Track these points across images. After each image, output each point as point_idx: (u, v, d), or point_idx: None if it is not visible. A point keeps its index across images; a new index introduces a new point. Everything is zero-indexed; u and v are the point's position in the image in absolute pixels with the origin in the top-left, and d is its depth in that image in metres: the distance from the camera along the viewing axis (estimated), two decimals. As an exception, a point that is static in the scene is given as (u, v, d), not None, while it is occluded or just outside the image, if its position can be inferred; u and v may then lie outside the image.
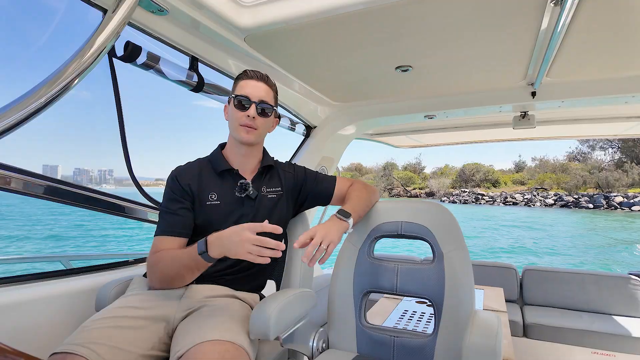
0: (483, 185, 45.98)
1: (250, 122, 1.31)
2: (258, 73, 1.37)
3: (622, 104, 2.24)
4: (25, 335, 1.25)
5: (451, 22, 1.40)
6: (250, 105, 1.32)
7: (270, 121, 1.41)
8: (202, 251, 1.10)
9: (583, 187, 38.35)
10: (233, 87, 1.39)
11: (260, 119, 1.33)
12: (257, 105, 1.32)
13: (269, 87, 1.37)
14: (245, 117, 1.31)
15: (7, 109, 1.01)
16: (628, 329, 2.63)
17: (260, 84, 1.35)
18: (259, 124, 1.33)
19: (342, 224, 1.27)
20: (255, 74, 1.36)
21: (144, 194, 1.79)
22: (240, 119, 1.32)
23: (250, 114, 1.31)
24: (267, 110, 1.35)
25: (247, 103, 1.32)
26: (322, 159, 2.83)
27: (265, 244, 1.04)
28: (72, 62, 1.11)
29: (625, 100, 2.09)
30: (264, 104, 1.34)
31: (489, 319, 1.15)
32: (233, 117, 1.34)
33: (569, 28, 1.42)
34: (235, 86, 1.37)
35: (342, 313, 1.47)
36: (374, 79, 2.06)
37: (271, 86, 1.39)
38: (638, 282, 2.94)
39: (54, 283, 1.39)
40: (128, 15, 1.19)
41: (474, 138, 3.95)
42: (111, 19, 1.17)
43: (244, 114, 1.31)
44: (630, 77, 1.94)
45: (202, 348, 1.01)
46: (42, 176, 1.33)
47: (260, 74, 1.37)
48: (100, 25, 1.16)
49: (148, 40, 1.47)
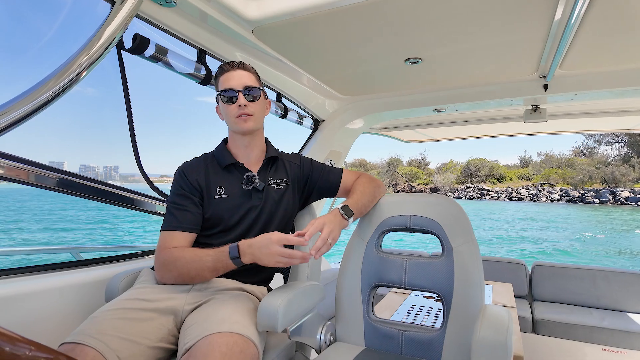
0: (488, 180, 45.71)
1: (243, 110, 1.32)
2: (233, 63, 1.36)
3: (638, 97, 2.18)
4: (35, 325, 1.26)
5: (461, 12, 1.37)
6: (237, 95, 1.32)
7: (262, 103, 1.40)
8: (234, 257, 1.17)
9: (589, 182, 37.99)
10: (215, 87, 1.39)
11: (251, 104, 1.33)
12: (243, 93, 1.32)
13: (247, 72, 1.36)
14: (237, 108, 1.32)
15: (16, 101, 1.01)
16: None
17: (238, 72, 1.34)
18: (252, 109, 1.33)
19: (343, 222, 1.29)
20: (230, 65, 1.35)
21: (153, 187, 1.80)
22: (233, 112, 1.32)
23: (240, 104, 1.31)
24: (255, 94, 1.35)
25: (233, 95, 1.32)
26: (329, 152, 2.82)
27: (293, 257, 1.14)
28: (80, 55, 1.10)
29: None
30: (250, 89, 1.33)
31: (499, 313, 1.14)
32: (226, 113, 1.35)
33: (584, 18, 1.38)
34: (217, 84, 1.37)
35: (349, 306, 1.46)
36: (383, 72, 2.04)
37: (249, 70, 1.38)
38: None
39: (64, 274, 1.40)
40: (136, 7, 1.19)
41: (484, 132, 3.89)
42: (119, 10, 1.16)
43: (235, 105, 1.32)
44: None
45: (211, 340, 1.01)
46: (54, 169, 1.35)
47: (235, 63, 1.36)
48: (108, 17, 1.16)
49: (156, 33, 1.46)
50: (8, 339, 0.32)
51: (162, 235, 1.28)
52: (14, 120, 0.99)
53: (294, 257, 1.15)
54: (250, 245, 1.17)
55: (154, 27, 1.44)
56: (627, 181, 35.75)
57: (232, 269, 1.21)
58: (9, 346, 0.31)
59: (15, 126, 0.99)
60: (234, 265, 1.19)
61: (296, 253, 1.15)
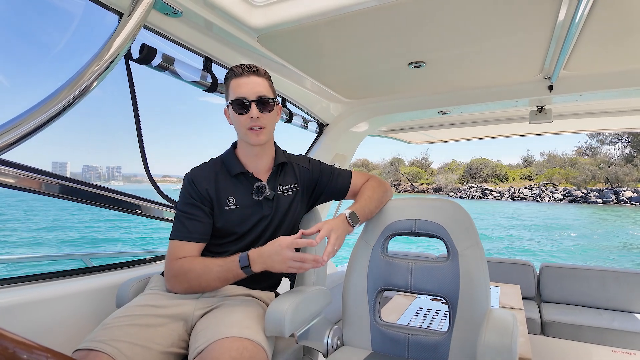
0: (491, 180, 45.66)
1: (255, 122, 1.27)
2: (246, 67, 1.29)
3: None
4: (48, 332, 1.29)
5: (464, 15, 1.38)
6: (250, 105, 1.26)
7: (274, 113, 1.35)
8: (245, 266, 1.18)
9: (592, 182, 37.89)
10: (226, 89, 1.33)
11: (264, 116, 1.28)
12: (257, 104, 1.26)
13: (261, 78, 1.30)
14: (249, 119, 1.26)
15: (29, 112, 1.03)
16: None
17: (251, 78, 1.27)
18: (264, 121, 1.28)
19: (348, 228, 1.31)
20: (243, 69, 1.28)
21: (161, 193, 1.82)
22: (244, 122, 1.27)
23: (253, 116, 1.26)
24: (268, 105, 1.29)
25: (246, 104, 1.26)
26: (335, 156, 2.83)
27: (305, 260, 1.15)
28: (90, 66, 1.13)
29: None
30: (263, 99, 1.28)
31: (505, 317, 1.14)
32: (237, 122, 1.30)
33: (587, 18, 1.38)
34: (228, 88, 1.31)
35: (356, 310, 1.47)
36: (387, 76, 2.05)
37: (263, 75, 1.31)
38: None
39: (76, 281, 1.43)
40: (143, 19, 1.21)
41: (489, 133, 3.88)
42: (127, 22, 1.19)
43: (247, 116, 1.26)
44: None
45: (221, 344, 1.03)
46: (59, 176, 1.36)
47: (248, 67, 1.29)
48: (116, 29, 1.18)
49: (163, 42, 1.48)
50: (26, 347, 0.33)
51: (171, 244, 1.28)
52: (27, 132, 1.01)
53: (306, 261, 1.16)
54: (261, 254, 1.18)
55: (160, 37, 1.46)
56: (631, 181, 35.63)
57: (242, 277, 1.21)
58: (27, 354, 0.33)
59: (28, 137, 1.02)
60: (244, 274, 1.20)
61: (308, 257, 1.16)
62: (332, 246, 1.19)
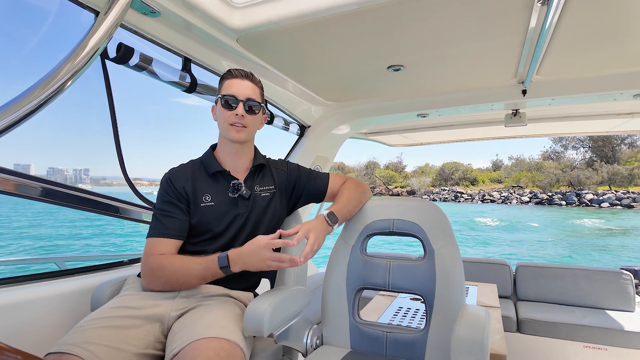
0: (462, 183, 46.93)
1: (239, 120, 1.33)
2: (242, 71, 1.37)
3: (611, 101, 2.27)
4: (21, 335, 1.25)
5: (441, 21, 1.42)
6: (237, 104, 1.33)
7: (259, 118, 1.42)
8: (224, 266, 1.20)
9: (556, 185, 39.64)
10: (219, 87, 1.40)
11: (248, 116, 1.35)
12: (244, 104, 1.34)
13: (254, 85, 1.38)
14: (234, 116, 1.33)
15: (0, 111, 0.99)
16: (619, 322, 2.67)
17: (245, 82, 1.36)
18: (247, 121, 1.35)
19: (328, 228, 1.33)
20: (240, 72, 1.37)
21: (139, 195, 1.78)
22: (228, 118, 1.33)
23: (238, 113, 1.32)
24: (254, 108, 1.36)
25: (234, 102, 1.33)
26: (316, 158, 2.84)
27: (282, 260, 1.19)
28: (64, 64, 1.10)
29: (614, 97, 2.13)
30: (251, 102, 1.35)
31: (477, 312, 1.18)
32: (222, 117, 1.35)
33: (556, 27, 1.45)
34: (221, 86, 1.38)
35: (335, 310, 1.49)
36: (367, 79, 2.08)
37: (256, 83, 1.40)
38: (629, 276, 2.98)
39: (49, 284, 1.39)
40: (120, 17, 1.19)
41: (467, 136, 3.98)
42: (103, 20, 1.17)
43: (232, 113, 1.33)
44: (618, 75, 1.97)
45: (198, 345, 1.02)
46: (36, 178, 1.33)
47: (245, 72, 1.38)
48: (92, 27, 1.17)
49: (140, 42, 1.46)
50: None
51: (148, 242, 1.28)
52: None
53: (283, 261, 1.18)
54: (240, 255, 1.20)
55: (138, 36, 1.44)
56: (591, 184, 37.51)
57: (221, 277, 1.23)
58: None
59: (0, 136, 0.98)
60: (223, 274, 1.21)
61: (285, 257, 1.18)
62: (311, 247, 1.21)
